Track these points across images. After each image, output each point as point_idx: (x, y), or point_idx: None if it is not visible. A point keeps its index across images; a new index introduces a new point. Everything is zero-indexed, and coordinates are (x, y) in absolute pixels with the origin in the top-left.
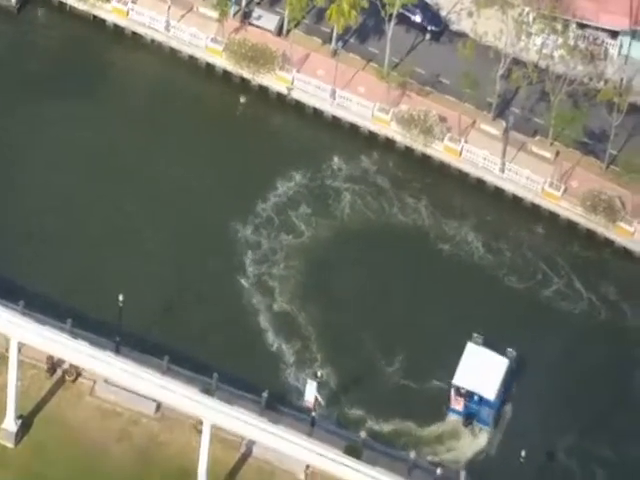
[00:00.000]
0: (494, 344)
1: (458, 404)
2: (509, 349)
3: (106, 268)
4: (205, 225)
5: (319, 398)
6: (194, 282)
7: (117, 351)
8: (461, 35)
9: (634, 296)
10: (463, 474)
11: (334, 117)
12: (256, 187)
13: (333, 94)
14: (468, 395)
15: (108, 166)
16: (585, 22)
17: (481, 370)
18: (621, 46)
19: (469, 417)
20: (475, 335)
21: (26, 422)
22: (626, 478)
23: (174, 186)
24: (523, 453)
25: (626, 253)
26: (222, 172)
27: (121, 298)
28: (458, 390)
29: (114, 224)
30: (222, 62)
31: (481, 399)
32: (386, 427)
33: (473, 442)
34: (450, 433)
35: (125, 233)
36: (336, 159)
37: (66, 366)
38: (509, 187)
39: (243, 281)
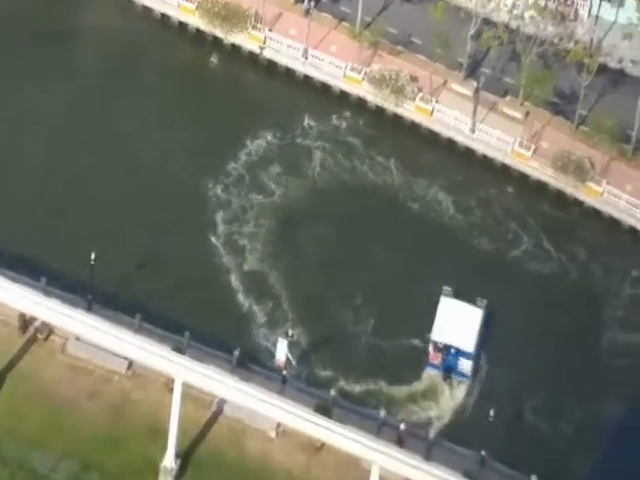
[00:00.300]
0: (464, 298)
1: (436, 359)
2: (479, 298)
3: (78, 227)
4: (176, 183)
5: (290, 357)
6: (166, 241)
7: (89, 309)
8: None
9: (603, 256)
10: (432, 430)
11: (306, 76)
12: (227, 146)
13: (305, 53)
14: (446, 349)
15: (79, 125)
16: None
17: (457, 323)
18: (591, 7)
19: (448, 371)
20: (445, 288)
21: None
22: (592, 435)
23: (145, 144)
24: (492, 412)
25: (595, 213)
26: (193, 131)
27: (93, 256)
28: (436, 345)
29: (85, 183)
30: (195, 21)
31: (458, 351)
32: (361, 387)
33: (453, 396)
34: (429, 389)
35: (96, 192)
36: (307, 118)
37: (38, 324)
38: (479, 147)
39: (214, 240)
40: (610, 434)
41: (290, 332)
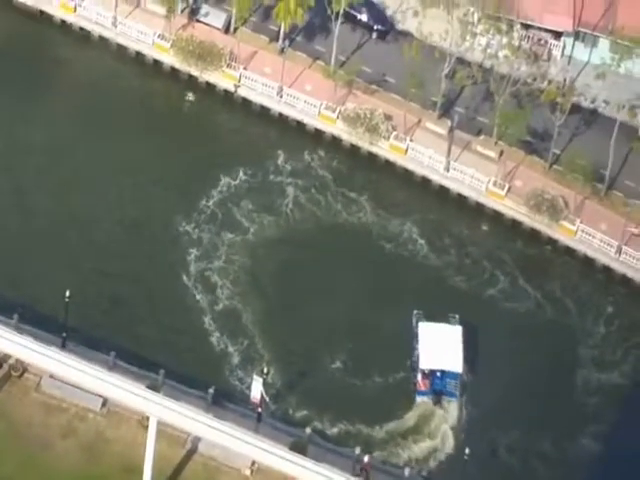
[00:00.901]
0: (434, 319)
1: (425, 385)
2: (450, 315)
3: (52, 263)
4: (149, 221)
5: (264, 395)
6: (140, 278)
7: (63, 346)
8: (407, 34)
9: (577, 294)
10: (407, 470)
11: (281, 115)
12: (201, 184)
13: (280, 92)
14: (432, 373)
15: (54, 162)
16: (529, 23)
17: (441, 345)
18: (564, 47)
19: (437, 394)
20: (416, 312)
21: None
22: (564, 473)
23: (120, 182)
24: (467, 450)
25: (569, 252)
26: (168, 169)
27: (67, 294)
28: (424, 373)
29: (60, 220)
30: (169, 59)
31: (444, 372)
32: (348, 428)
33: (446, 417)
34: (422, 417)
35: (71, 229)
36: (282, 156)
37: (12, 361)
38: (454, 186)
39: (188, 278)
40: (582, 472)
41: (265, 370)
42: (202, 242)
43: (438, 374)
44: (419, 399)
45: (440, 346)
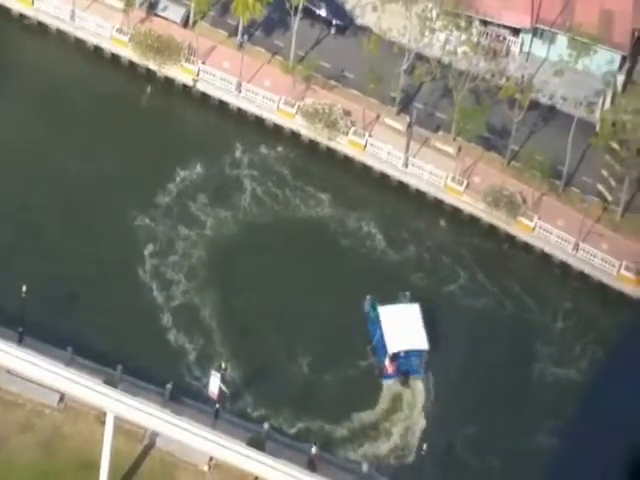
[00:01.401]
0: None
1: (392, 369)
2: (400, 292)
3: (8, 258)
4: (106, 216)
5: (224, 389)
6: (96, 273)
7: (20, 342)
8: (366, 30)
9: (535, 290)
10: (365, 465)
11: (239, 109)
12: (158, 178)
13: (239, 87)
14: (397, 355)
15: (10, 156)
16: (488, 19)
17: (404, 326)
18: (522, 43)
19: (405, 374)
20: (369, 297)
21: None
22: (520, 468)
23: (75, 176)
24: (425, 447)
25: (527, 247)
26: (125, 163)
27: (24, 289)
28: (392, 356)
29: (15, 215)
30: (128, 53)
31: (407, 352)
32: (320, 423)
33: (414, 395)
34: (392, 400)
35: (26, 224)
36: (240, 151)
37: None
38: (412, 181)
39: (145, 273)
40: (538, 466)
41: (223, 365)
42: (158, 237)
43: (402, 354)
44: (386, 383)
45: (403, 327)
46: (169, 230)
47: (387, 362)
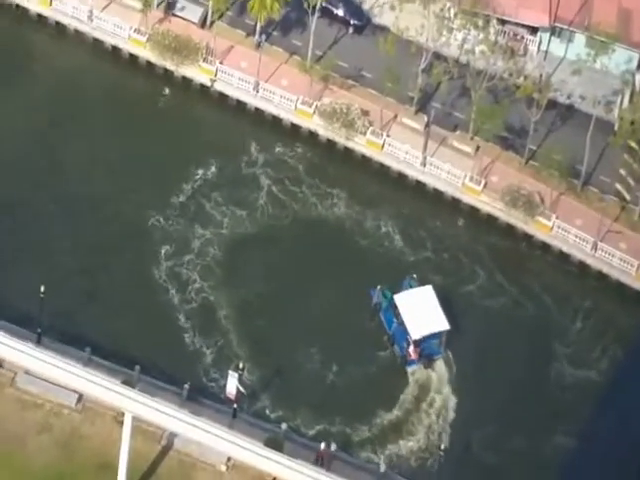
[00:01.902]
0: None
1: (416, 354)
2: (407, 277)
3: (26, 258)
4: (124, 216)
5: (241, 389)
6: (114, 274)
7: (38, 342)
8: (384, 29)
9: (552, 290)
10: (383, 465)
11: (257, 109)
12: (176, 178)
13: (256, 86)
14: (419, 341)
15: (28, 155)
16: (505, 18)
17: (422, 310)
18: (540, 42)
19: (428, 357)
20: (379, 287)
21: None
22: (536, 467)
23: (94, 175)
24: (442, 447)
25: (544, 247)
26: (142, 163)
27: (42, 289)
28: (415, 342)
29: (33, 213)
30: (145, 53)
31: (429, 336)
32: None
33: (439, 375)
34: (420, 387)
35: (44, 223)
36: (257, 151)
37: None
38: (430, 181)
39: (163, 273)
40: (554, 468)
41: (241, 365)
42: (174, 236)
43: (424, 339)
44: (410, 369)
45: (421, 311)
46: (185, 229)
47: (411, 349)
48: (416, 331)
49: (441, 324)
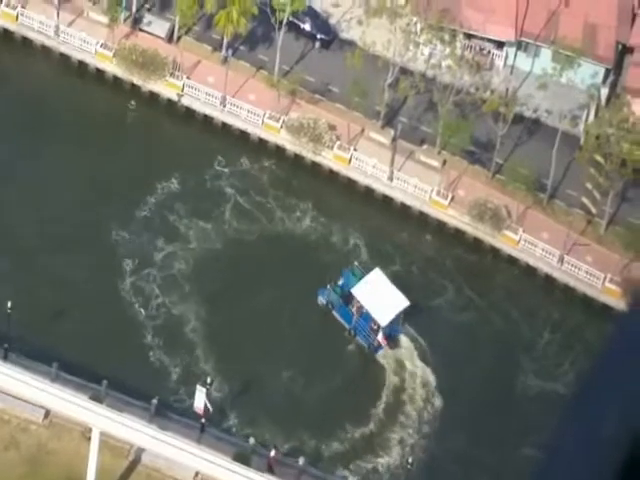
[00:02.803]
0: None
1: (385, 340)
2: (350, 267)
3: None
4: (88, 231)
5: (208, 405)
6: (79, 289)
7: (5, 358)
8: (351, 44)
9: (520, 303)
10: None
11: (224, 124)
12: (141, 192)
13: (223, 101)
14: (386, 326)
15: None
16: (472, 33)
17: (380, 295)
18: (507, 57)
19: (392, 338)
20: (328, 286)
21: None
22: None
23: (58, 191)
24: (410, 460)
25: (512, 261)
26: (108, 177)
27: (9, 305)
28: (384, 329)
29: None
30: (112, 68)
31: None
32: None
33: (409, 349)
34: (396, 368)
35: (7, 240)
36: (224, 165)
37: None
38: (397, 195)
39: (127, 287)
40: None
41: (209, 380)
42: (139, 251)
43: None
44: (381, 354)
45: (380, 296)
46: (150, 244)
47: (380, 336)
48: (383, 318)
49: (401, 303)
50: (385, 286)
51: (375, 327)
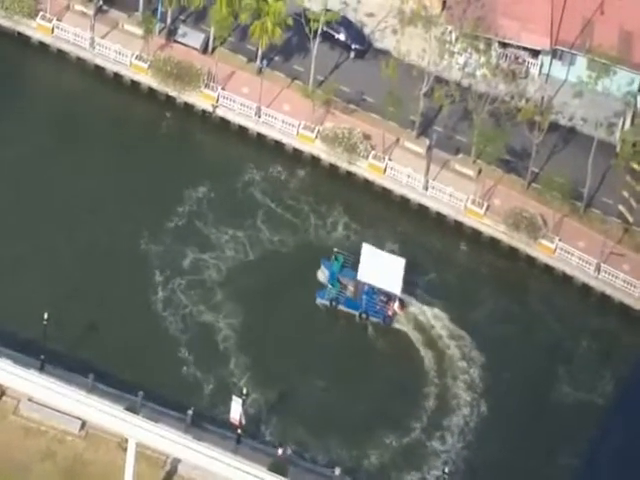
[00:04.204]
0: None
1: (400, 308)
2: (332, 257)
3: (27, 286)
4: (123, 242)
5: (243, 415)
6: (115, 300)
7: (42, 369)
8: (385, 53)
9: (556, 312)
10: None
11: (259, 135)
12: (177, 203)
13: (258, 112)
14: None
15: (30, 183)
16: (507, 41)
17: (380, 269)
18: (542, 65)
19: (402, 302)
20: (329, 287)
21: None
22: None
23: (93, 202)
24: (446, 469)
25: (547, 269)
26: (143, 188)
27: (46, 316)
28: (397, 298)
29: (33, 242)
30: (147, 79)
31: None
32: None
33: (450, 362)
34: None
35: (44, 250)
36: (259, 175)
37: None
38: (432, 204)
39: (161, 297)
40: None
41: (244, 390)
42: (174, 260)
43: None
44: (397, 326)
45: (381, 270)
46: (185, 254)
47: (396, 305)
48: (395, 288)
49: (399, 264)
50: (378, 257)
51: (385, 299)
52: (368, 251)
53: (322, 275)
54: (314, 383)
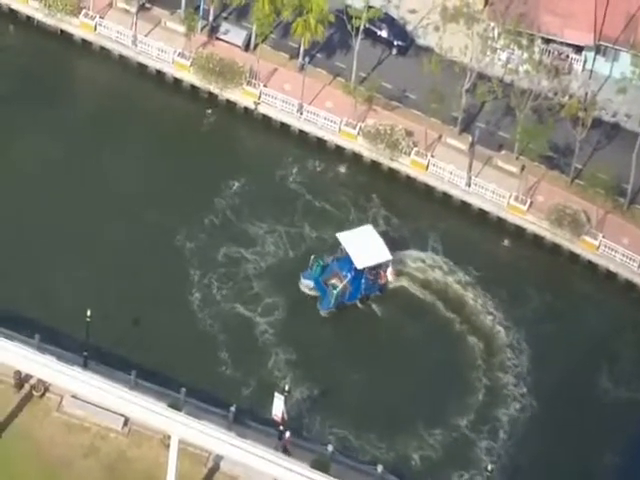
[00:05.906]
0: None
1: (392, 273)
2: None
3: (72, 283)
4: (165, 238)
5: (285, 412)
6: (158, 296)
7: (85, 366)
8: (427, 50)
9: (600, 309)
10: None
11: (301, 131)
12: (219, 200)
13: (300, 109)
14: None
15: (72, 180)
16: (550, 37)
17: (363, 243)
18: (585, 61)
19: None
20: (331, 288)
21: None
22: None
23: (135, 198)
24: (490, 467)
25: (591, 266)
26: (185, 186)
27: (89, 313)
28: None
29: (75, 238)
30: (189, 77)
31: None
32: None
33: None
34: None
35: (88, 247)
36: (301, 172)
37: (34, 381)
38: (475, 201)
39: (202, 293)
40: None
41: (287, 387)
42: (214, 256)
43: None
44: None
45: (364, 245)
46: (225, 250)
47: (389, 270)
48: (385, 255)
49: (371, 231)
50: (356, 237)
51: (374, 272)
52: (345, 238)
53: (306, 288)
54: (354, 377)
